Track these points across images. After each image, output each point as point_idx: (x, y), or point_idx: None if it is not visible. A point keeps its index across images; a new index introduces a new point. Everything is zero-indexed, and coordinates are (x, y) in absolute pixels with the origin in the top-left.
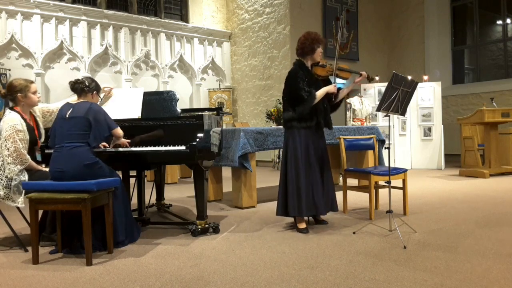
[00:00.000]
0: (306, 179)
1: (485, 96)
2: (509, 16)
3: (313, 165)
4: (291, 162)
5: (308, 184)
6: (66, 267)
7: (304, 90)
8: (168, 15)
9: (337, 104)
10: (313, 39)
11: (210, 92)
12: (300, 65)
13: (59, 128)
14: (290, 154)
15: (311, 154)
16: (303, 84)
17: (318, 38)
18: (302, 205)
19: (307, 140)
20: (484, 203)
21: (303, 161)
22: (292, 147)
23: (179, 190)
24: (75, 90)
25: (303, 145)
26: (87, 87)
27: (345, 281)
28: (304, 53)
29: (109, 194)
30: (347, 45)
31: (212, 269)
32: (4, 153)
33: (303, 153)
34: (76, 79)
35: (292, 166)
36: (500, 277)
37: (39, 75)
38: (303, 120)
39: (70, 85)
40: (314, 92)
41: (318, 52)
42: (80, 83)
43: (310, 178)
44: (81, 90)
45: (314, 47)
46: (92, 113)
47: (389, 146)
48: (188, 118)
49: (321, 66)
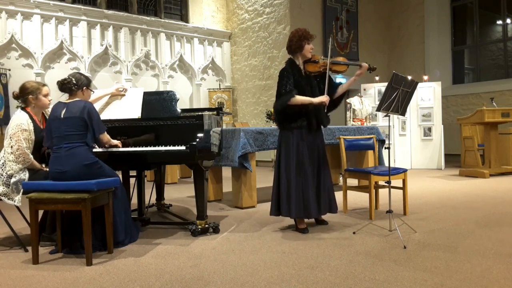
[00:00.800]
0: (296, 180)
1: (485, 96)
2: (509, 16)
3: (306, 166)
4: (283, 162)
5: (298, 185)
6: (66, 267)
7: (285, 87)
8: (168, 15)
9: (338, 100)
10: (300, 36)
11: (210, 92)
12: (290, 64)
13: (56, 129)
14: (283, 154)
15: (304, 155)
16: (287, 82)
17: (305, 34)
18: (291, 206)
19: (299, 140)
20: (484, 203)
21: (294, 162)
22: (284, 147)
23: (179, 190)
24: (64, 91)
25: (294, 145)
26: (75, 85)
27: (345, 281)
28: (292, 50)
29: (109, 194)
30: (347, 45)
31: (212, 269)
32: (7, 150)
33: (294, 154)
34: (63, 79)
35: (284, 166)
36: (500, 277)
37: (39, 75)
38: (293, 120)
39: (58, 86)
40: (294, 93)
41: (308, 48)
42: (67, 83)
43: (302, 179)
44: (70, 90)
45: (302, 44)
46: (87, 112)
47: (389, 146)
48: (188, 118)
49: (313, 62)
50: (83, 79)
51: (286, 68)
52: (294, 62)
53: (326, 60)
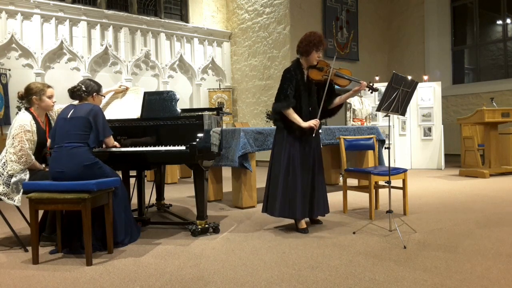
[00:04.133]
0: (284, 180)
1: (485, 96)
2: (509, 16)
3: (296, 168)
4: (275, 161)
5: (285, 185)
6: (66, 267)
7: (286, 91)
8: (168, 15)
9: (335, 110)
10: (310, 42)
11: (210, 92)
12: (296, 65)
13: (60, 128)
14: (275, 153)
15: (295, 157)
16: (288, 86)
17: (316, 42)
18: (276, 205)
19: (292, 141)
20: (484, 203)
21: (284, 162)
22: (276, 147)
23: (179, 190)
24: (75, 98)
25: (287, 146)
26: (85, 92)
27: (345, 281)
28: (299, 52)
29: (109, 194)
30: (347, 45)
31: (212, 269)
32: (10, 150)
33: (286, 154)
34: (73, 87)
35: (275, 166)
36: (500, 277)
37: (39, 75)
38: (288, 123)
39: (69, 94)
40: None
41: (314, 56)
42: (77, 91)
43: (290, 179)
44: (80, 97)
45: (309, 50)
46: (93, 114)
47: (389, 146)
48: (188, 118)
49: (318, 69)
50: (93, 85)
51: (291, 69)
52: (300, 64)
53: (330, 70)
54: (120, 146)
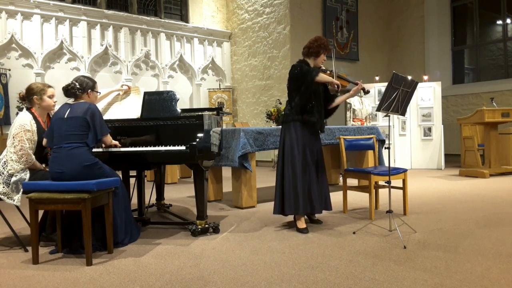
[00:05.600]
0: (303, 175)
1: (485, 96)
2: (509, 16)
3: (309, 162)
4: (288, 158)
5: (305, 181)
6: (66, 267)
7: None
8: (168, 15)
9: (332, 110)
10: (321, 44)
11: (210, 92)
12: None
13: (58, 129)
14: (287, 150)
15: (307, 152)
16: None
17: (326, 45)
18: (299, 202)
19: (303, 137)
20: (484, 203)
21: (300, 157)
22: (289, 142)
23: (179, 190)
24: (69, 96)
25: (300, 141)
26: (79, 89)
27: (345, 281)
28: (309, 53)
29: (109, 194)
30: (347, 45)
31: (212, 269)
32: (10, 150)
33: (300, 149)
34: (67, 85)
35: (289, 163)
36: (500, 277)
37: (39, 75)
38: (305, 112)
39: (63, 92)
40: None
41: (322, 57)
42: (71, 88)
43: (307, 174)
44: (75, 95)
45: (320, 52)
46: (90, 113)
47: (389, 146)
48: (188, 118)
49: (323, 71)
50: (87, 82)
51: (302, 64)
52: (308, 64)
53: (333, 73)
54: (120, 146)
